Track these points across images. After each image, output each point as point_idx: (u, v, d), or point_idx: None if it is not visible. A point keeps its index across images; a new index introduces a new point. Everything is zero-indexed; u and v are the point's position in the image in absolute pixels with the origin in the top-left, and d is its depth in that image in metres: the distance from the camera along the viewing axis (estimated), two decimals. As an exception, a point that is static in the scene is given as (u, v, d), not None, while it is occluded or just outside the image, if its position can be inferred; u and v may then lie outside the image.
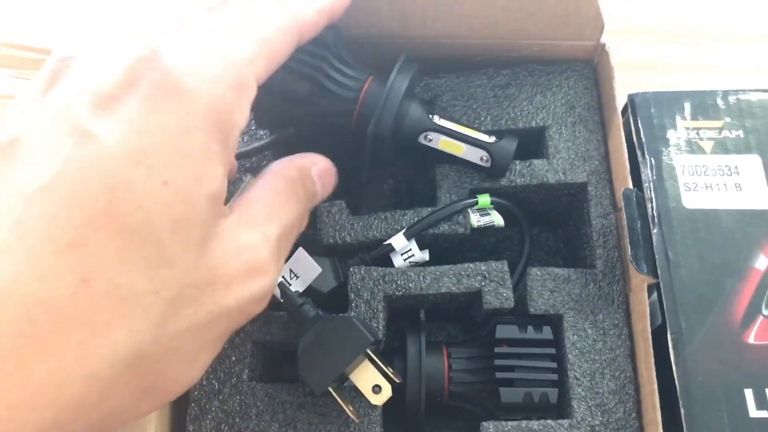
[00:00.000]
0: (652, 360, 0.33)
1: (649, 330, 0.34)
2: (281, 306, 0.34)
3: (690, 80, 0.53)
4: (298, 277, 0.36)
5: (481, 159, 0.38)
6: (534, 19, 0.39)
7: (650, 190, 0.36)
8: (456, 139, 0.38)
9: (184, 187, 0.23)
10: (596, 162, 0.40)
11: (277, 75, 0.29)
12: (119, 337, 0.22)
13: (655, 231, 0.35)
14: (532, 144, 0.42)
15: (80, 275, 0.21)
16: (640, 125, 0.38)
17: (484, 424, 0.34)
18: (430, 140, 0.38)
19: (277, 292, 0.33)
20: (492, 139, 0.38)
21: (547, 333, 0.36)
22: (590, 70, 0.42)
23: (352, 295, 0.37)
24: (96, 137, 0.21)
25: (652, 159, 0.37)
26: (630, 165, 0.37)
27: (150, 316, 0.22)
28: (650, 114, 0.38)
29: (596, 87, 0.42)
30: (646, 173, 0.37)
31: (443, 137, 0.38)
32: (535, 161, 0.40)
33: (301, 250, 0.36)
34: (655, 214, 0.36)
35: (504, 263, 0.37)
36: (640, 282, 0.35)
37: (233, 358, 0.36)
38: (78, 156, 0.21)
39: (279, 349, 0.38)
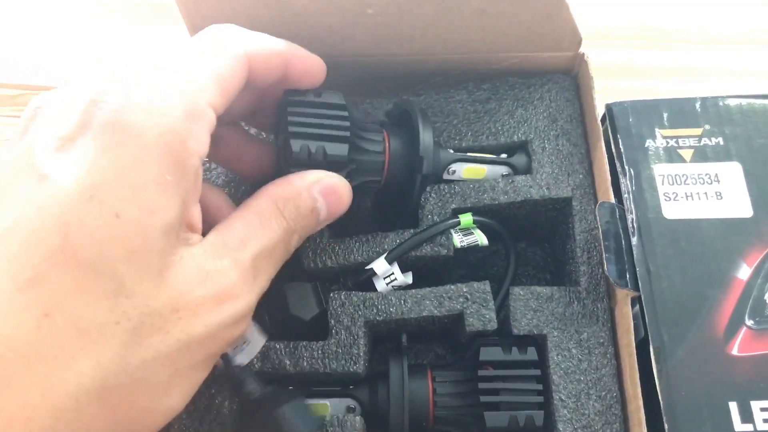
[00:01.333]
0: (637, 376, 0.33)
1: (634, 345, 0.34)
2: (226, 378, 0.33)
3: (669, 84, 0.53)
4: (247, 343, 0.34)
5: (503, 175, 0.39)
6: (509, 37, 0.39)
7: (630, 201, 0.36)
8: (479, 164, 0.39)
9: (137, 218, 0.23)
10: (580, 176, 0.39)
11: (314, 145, 0.31)
12: (84, 369, 0.22)
13: (635, 243, 0.35)
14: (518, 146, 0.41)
15: (42, 310, 0.21)
16: (618, 135, 0.38)
17: None
18: (454, 172, 0.39)
19: (221, 363, 0.31)
20: (504, 155, 0.40)
21: (531, 354, 0.36)
22: (571, 81, 0.42)
23: (333, 321, 0.36)
24: (52, 178, 0.23)
25: (631, 169, 0.37)
26: (611, 175, 0.37)
27: (113, 347, 0.23)
28: (628, 123, 0.38)
29: (578, 98, 0.42)
30: (626, 184, 0.37)
31: (466, 166, 0.39)
32: (518, 177, 0.39)
33: (251, 327, 0.35)
34: (635, 226, 0.35)
35: (486, 284, 0.37)
36: (623, 296, 0.35)
37: (213, 390, 0.35)
38: (36, 197, 0.22)
39: (268, 377, 0.37)
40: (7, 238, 0.22)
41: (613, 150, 0.38)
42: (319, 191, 0.31)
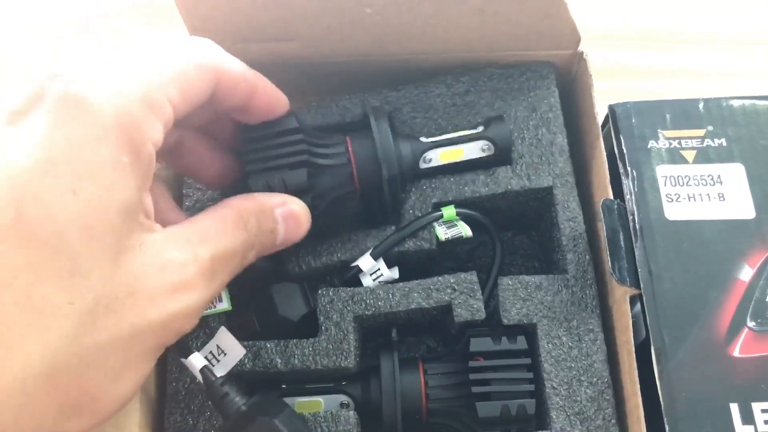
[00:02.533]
0: (636, 373, 0.33)
1: (633, 342, 0.34)
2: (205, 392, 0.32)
3: (670, 85, 0.53)
4: (225, 354, 0.34)
5: (483, 150, 0.39)
6: (508, 36, 0.39)
7: (632, 203, 0.36)
8: (453, 145, 0.39)
9: (94, 196, 0.23)
10: (561, 164, 0.39)
11: (273, 178, 0.31)
12: (33, 351, 0.21)
13: (637, 244, 0.35)
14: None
15: None
16: (621, 136, 0.38)
17: None
18: (430, 160, 0.39)
19: (200, 377, 0.30)
20: (480, 128, 0.39)
21: (521, 343, 0.36)
22: (550, 69, 0.41)
23: (322, 318, 0.36)
24: (4, 152, 0.22)
25: (633, 170, 0.37)
26: (610, 176, 0.37)
27: (65, 328, 0.22)
28: (631, 124, 0.38)
29: (574, 97, 0.42)
30: (628, 185, 0.36)
31: (440, 150, 0.38)
32: (499, 169, 0.39)
33: (222, 329, 0.35)
34: (638, 227, 0.35)
35: (473, 274, 0.37)
36: (622, 293, 0.35)
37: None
38: None
39: (253, 379, 0.37)
40: None
41: (616, 151, 0.38)
42: (281, 214, 0.31)
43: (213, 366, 0.33)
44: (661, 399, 0.32)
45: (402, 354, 0.37)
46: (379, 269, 0.37)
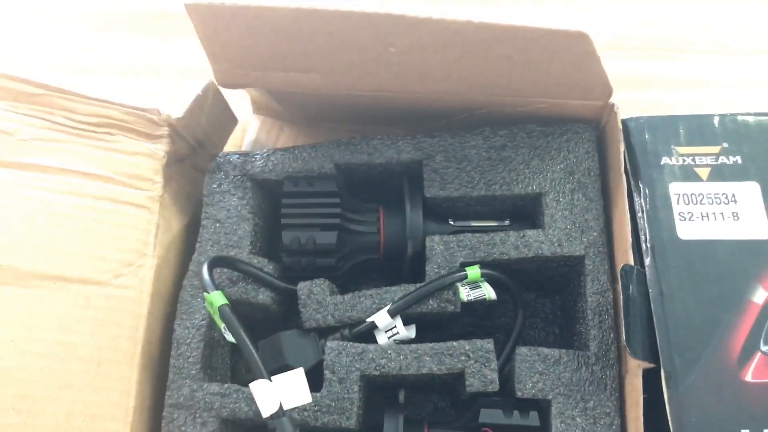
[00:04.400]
0: None
1: (642, 419, 0.32)
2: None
3: (679, 96, 0.52)
4: (290, 393, 0.32)
5: (511, 230, 0.39)
6: (537, 84, 0.37)
7: (644, 221, 0.35)
8: (479, 233, 0.39)
9: None
10: (595, 233, 0.37)
11: (304, 235, 0.33)
12: None
13: (648, 263, 0.34)
14: (528, 210, 0.40)
15: None
16: (634, 152, 0.37)
17: None
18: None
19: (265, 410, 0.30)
20: (507, 222, 0.40)
21: (533, 419, 0.35)
22: (591, 132, 0.40)
23: (327, 373, 0.35)
24: None
25: (646, 188, 0.36)
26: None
27: None
28: (644, 140, 0.37)
29: (601, 149, 0.40)
30: (640, 203, 0.36)
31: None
32: (529, 232, 0.37)
33: (300, 371, 0.33)
34: (649, 246, 0.35)
35: (490, 342, 0.35)
36: (635, 366, 0.33)
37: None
38: None
39: (248, 425, 0.36)
40: None
41: (628, 167, 0.37)
42: None
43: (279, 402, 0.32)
44: (670, 423, 0.31)
45: (407, 413, 0.35)
46: (395, 326, 0.36)
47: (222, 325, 0.34)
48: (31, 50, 0.57)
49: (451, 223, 0.39)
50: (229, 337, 0.34)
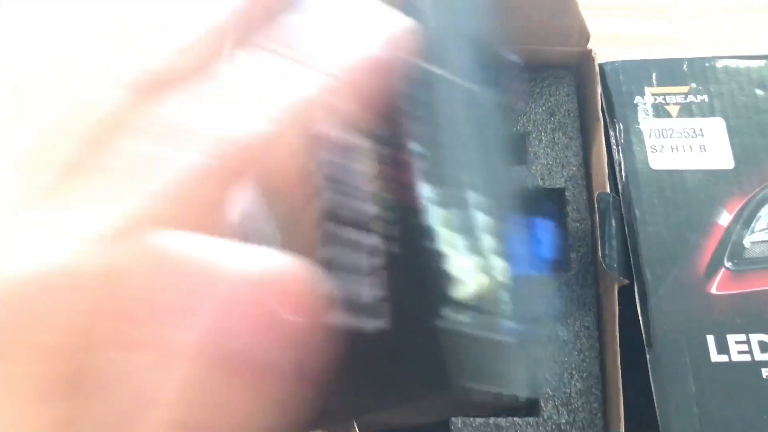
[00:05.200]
0: (619, 360, 0.35)
1: (617, 332, 0.35)
2: None
3: (656, 52, 0.54)
4: None
5: None
6: (517, 30, 0.40)
7: (619, 154, 0.38)
8: None
9: None
10: (574, 168, 0.41)
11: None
12: None
13: (622, 191, 0.37)
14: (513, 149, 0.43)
15: None
16: (610, 93, 0.40)
17: (453, 419, 0.35)
18: None
19: None
20: None
21: None
22: (571, 78, 0.43)
23: None
24: None
25: (620, 124, 0.39)
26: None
27: None
28: (619, 81, 0.40)
29: (580, 92, 0.43)
30: (615, 137, 0.39)
31: None
32: (514, 168, 0.41)
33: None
34: (624, 176, 0.38)
35: None
36: (611, 283, 0.36)
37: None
38: None
39: None
40: None
41: (605, 107, 0.40)
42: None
43: None
44: (642, 332, 0.34)
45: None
46: None
47: None
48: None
49: None
50: None
